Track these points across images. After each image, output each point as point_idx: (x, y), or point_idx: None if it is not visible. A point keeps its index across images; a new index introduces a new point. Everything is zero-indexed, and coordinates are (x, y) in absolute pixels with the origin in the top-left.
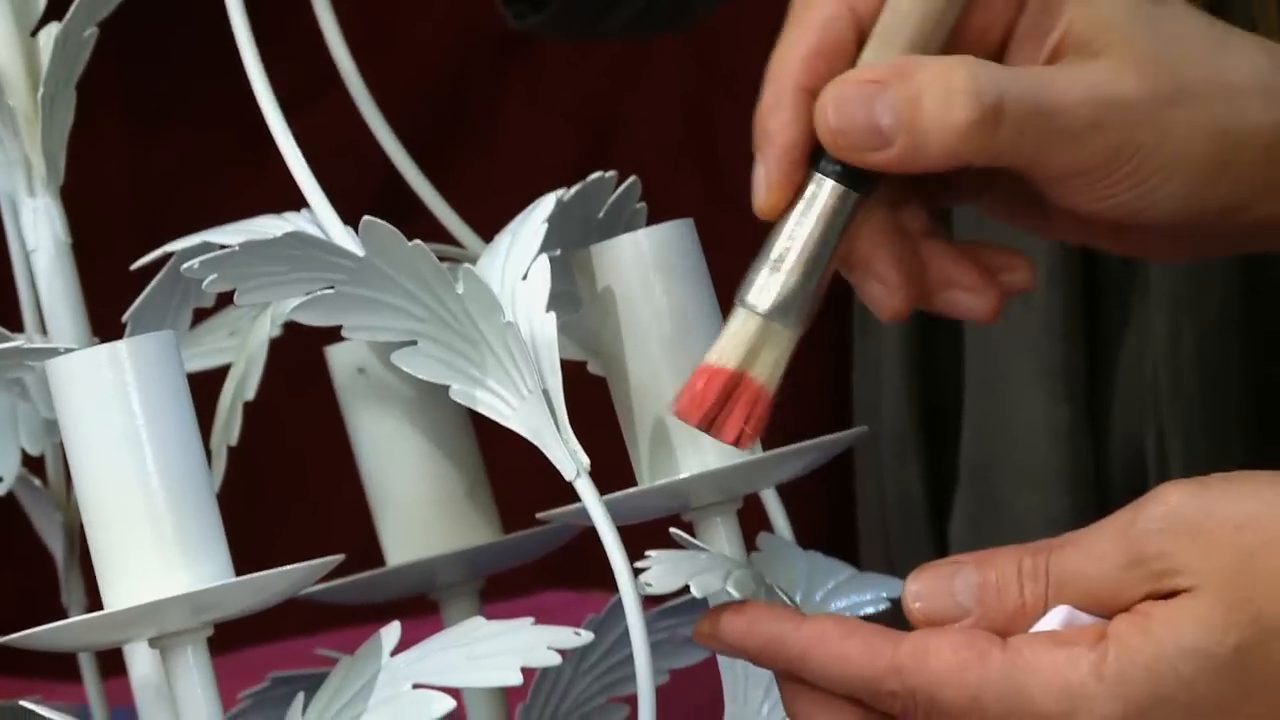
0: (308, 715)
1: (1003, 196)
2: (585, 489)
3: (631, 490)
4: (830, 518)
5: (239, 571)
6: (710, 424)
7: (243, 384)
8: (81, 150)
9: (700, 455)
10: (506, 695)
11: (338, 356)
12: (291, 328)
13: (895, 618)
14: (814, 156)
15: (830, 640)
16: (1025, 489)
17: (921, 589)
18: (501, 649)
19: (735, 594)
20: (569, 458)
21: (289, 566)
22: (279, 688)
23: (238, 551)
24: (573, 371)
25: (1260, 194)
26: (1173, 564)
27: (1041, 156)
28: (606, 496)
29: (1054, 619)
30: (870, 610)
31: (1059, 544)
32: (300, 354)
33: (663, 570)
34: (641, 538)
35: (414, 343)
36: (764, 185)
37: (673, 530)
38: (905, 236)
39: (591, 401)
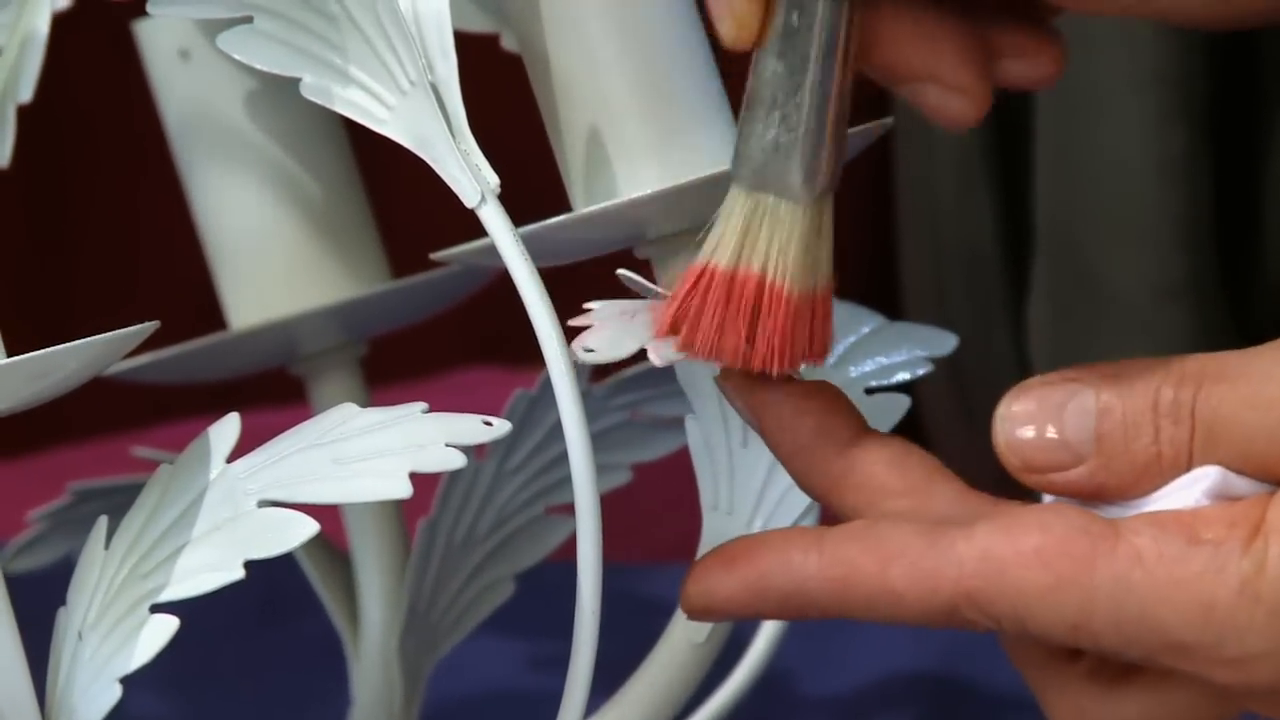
0: (113, 549)
1: None
2: (492, 217)
3: (559, 219)
4: (869, 290)
5: (32, 348)
6: (710, 346)
7: (13, 80)
8: None
9: (659, 168)
10: (402, 509)
11: (150, 37)
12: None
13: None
14: None
15: (864, 577)
16: (1123, 247)
17: (1023, 413)
18: (381, 448)
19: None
20: (468, 175)
21: (80, 341)
22: (84, 504)
23: (30, 324)
24: (484, 47)
25: None
26: None
27: None
28: (524, 228)
29: (1199, 485)
30: (905, 376)
31: (1213, 372)
32: (114, 33)
33: (608, 329)
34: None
35: (248, 19)
36: (727, 12)
37: (622, 273)
38: (950, 12)
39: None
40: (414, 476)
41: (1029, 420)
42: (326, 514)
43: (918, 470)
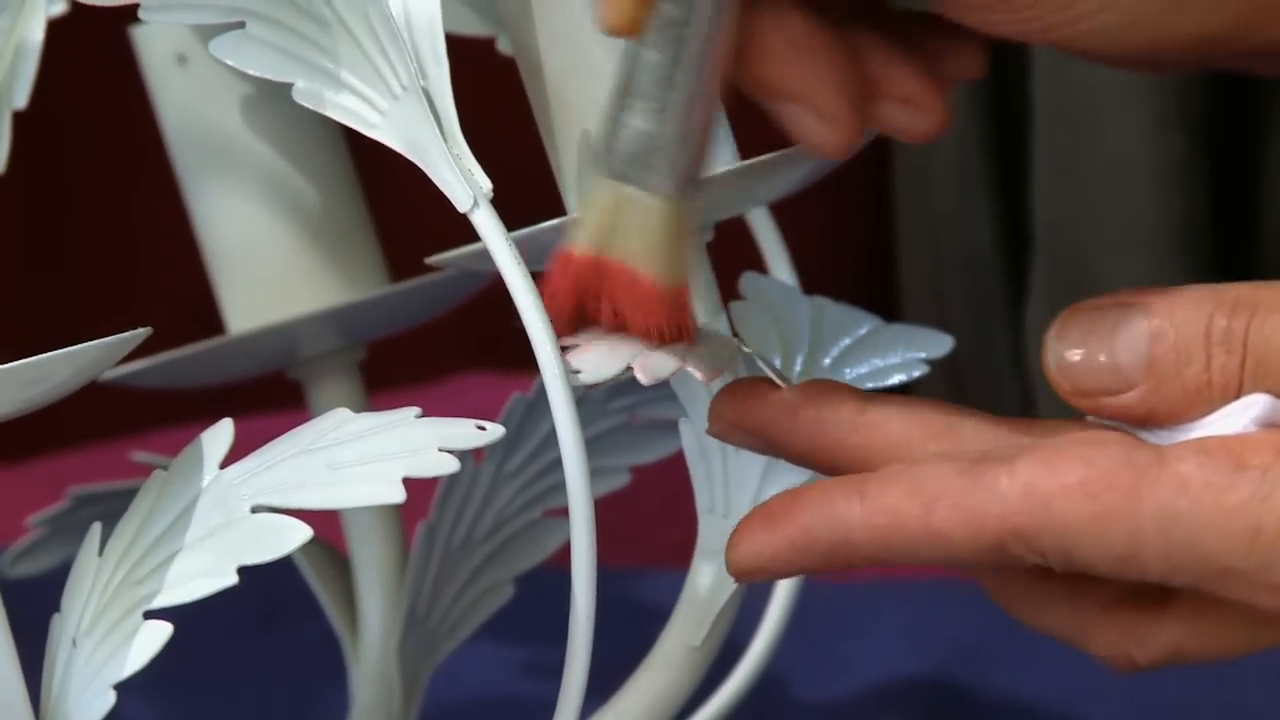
0: (106, 555)
1: None
2: (484, 221)
3: (552, 222)
4: (867, 293)
5: (28, 354)
6: (575, 323)
7: (9, 86)
8: None
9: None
10: (401, 512)
11: (147, 42)
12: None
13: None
14: None
15: (909, 522)
16: (1121, 251)
17: (1074, 336)
18: (375, 453)
19: (697, 375)
20: (460, 180)
21: (73, 347)
22: (84, 509)
23: (29, 331)
24: (476, 51)
25: (1259, 17)
26: None
27: None
28: (516, 233)
29: (1248, 413)
30: (901, 377)
31: (1266, 301)
32: (110, 39)
33: (595, 350)
34: None
35: (241, 24)
36: None
37: None
38: (836, 35)
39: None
40: (413, 480)
41: (1080, 344)
42: (326, 517)
43: (936, 417)
